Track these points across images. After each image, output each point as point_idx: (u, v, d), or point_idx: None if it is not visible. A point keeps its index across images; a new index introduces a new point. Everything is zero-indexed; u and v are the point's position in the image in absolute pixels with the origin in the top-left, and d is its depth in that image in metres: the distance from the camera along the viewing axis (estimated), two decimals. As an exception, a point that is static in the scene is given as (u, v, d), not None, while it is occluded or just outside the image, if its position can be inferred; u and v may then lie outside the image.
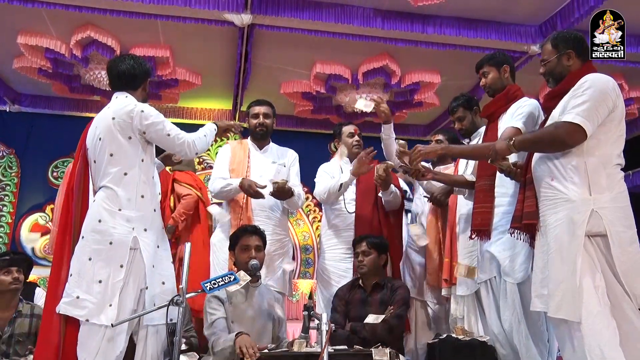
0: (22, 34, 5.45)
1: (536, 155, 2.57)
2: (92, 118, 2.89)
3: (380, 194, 3.74)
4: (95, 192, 2.79)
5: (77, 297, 2.55)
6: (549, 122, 2.52)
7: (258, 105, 3.85)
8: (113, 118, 2.74)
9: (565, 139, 2.37)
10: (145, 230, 2.70)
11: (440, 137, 4.04)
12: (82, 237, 2.67)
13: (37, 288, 4.23)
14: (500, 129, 3.04)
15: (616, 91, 2.41)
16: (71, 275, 2.61)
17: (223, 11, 4.95)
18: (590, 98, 2.34)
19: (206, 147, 3.00)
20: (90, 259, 2.60)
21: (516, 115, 2.96)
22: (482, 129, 3.37)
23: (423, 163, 3.80)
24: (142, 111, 2.74)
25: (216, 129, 3.10)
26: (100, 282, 2.56)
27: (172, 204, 4.25)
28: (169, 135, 2.78)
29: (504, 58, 3.26)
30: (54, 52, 5.65)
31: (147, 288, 2.64)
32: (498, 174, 2.98)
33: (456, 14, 5.29)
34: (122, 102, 2.80)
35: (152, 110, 2.79)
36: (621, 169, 2.44)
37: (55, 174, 7.48)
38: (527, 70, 5.94)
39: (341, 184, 3.68)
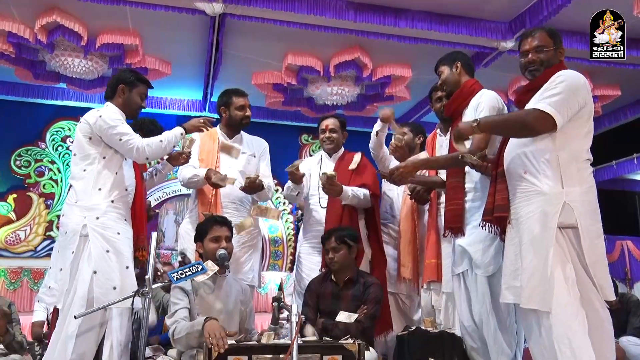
0: (-18, 17, 5.26)
1: (508, 149, 2.60)
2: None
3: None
4: None
5: (49, 287, 2.86)
6: None
7: (243, 97, 3.74)
8: (80, 122, 2.98)
9: (534, 126, 2.40)
10: (98, 218, 2.82)
11: (406, 129, 4.05)
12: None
13: None
14: None
15: (587, 88, 2.48)
16: (50, 267, 2.92)
17: (194, -1, 4.88)
18: (563, 91, 2.39)
19: (162, 152, 3.07)
20: (58, 251, 2.87)
21: (479, 111, 2.99)
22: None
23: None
24: (101, 116, 2.92)
25: (183, 133, 3.16)
26: (61, 270, 2.79)
27: None
28: (120, 140, 2.91)
29: (455, 55, 3.30)
30: (17, 37, 5.48)
31: (95, 272, 2.72)
32: (466, 169, 3.01)
33: (428, 8, 5.33)
34: (96, 109, 3.00)
35: (112, 114, 2.95)
36: (590, 164, 2.50)
37: (18, 162, 7.29)
38: (496, 67, 6.04)
39: (297, 192, 3.77)
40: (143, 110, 3.25)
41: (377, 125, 3.77)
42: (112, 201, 2.90)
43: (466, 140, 2.61)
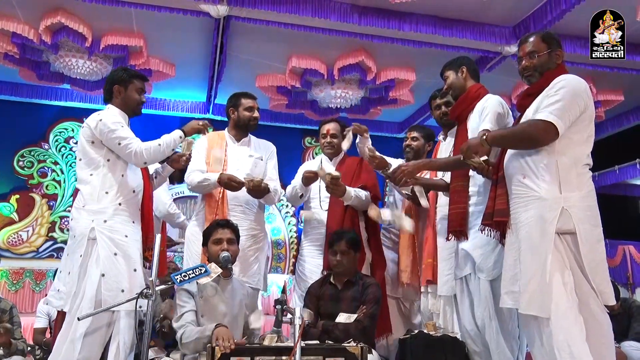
0: (-13, 18, 5.27)
1: (508, 154, 2.61)
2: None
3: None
4: None
5: (58, 290, 2.83)
6: (522, 121, 2.56)
7: (251, 99, 3.78)
8: (83, 126, 3.01)
9: (538, 137, 2.41)
10: (105, 221, 2.85)
11: (415, 134, 4.05)
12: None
13: None
14: (469, 129, 3.08)
15: (587, 93, 2.48)
16: (60, 272, 2.89)
17: (199, 1, 4.89)
18: (563, 98, 2.39)
19: (160, 156, 3.08)
20: (67, 255, 2.90)
21: (484, 117, 2.99)
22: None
23: (397, 160, 3.84)
24: (101, 120, 2.93)
25: (182, 136, 3.16)
26: (69, 273, 2.81)
27: None
28: (119, 144, 2.92)
29: (461, 60, 3.32)
30: (21, 37, 5.48)
31: (103, 275, 2.74)
32: (470, 173, 3.01)
33: (432, 12, 5.32)
34: (97, 113, 3.02)
35: (112, 118, 2.96)
36: (589, 169, 2.50)
37: (21, 163, 7.29)
38: (500, 71, 6.03)
39: (302, 194, 3.82)
40: (147, 110, 3.24)
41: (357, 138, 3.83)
42: (120, 204, 2.93)
43: (475, 154, 2.61)
